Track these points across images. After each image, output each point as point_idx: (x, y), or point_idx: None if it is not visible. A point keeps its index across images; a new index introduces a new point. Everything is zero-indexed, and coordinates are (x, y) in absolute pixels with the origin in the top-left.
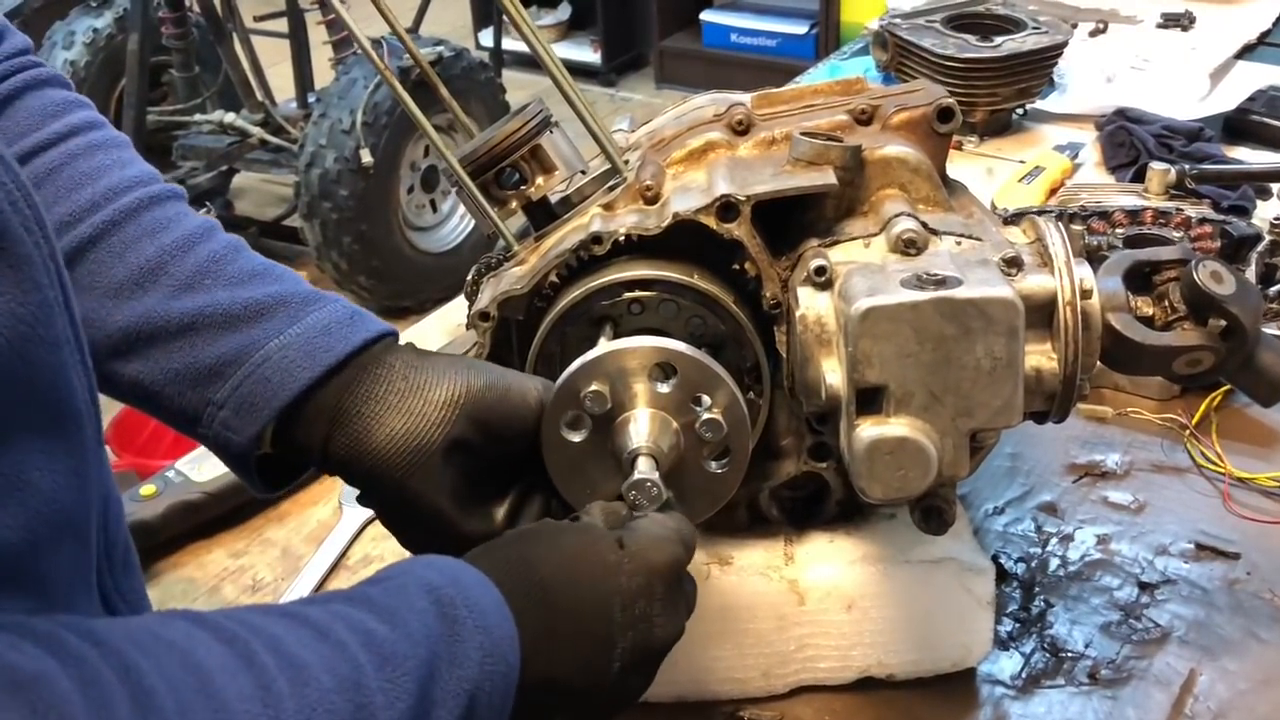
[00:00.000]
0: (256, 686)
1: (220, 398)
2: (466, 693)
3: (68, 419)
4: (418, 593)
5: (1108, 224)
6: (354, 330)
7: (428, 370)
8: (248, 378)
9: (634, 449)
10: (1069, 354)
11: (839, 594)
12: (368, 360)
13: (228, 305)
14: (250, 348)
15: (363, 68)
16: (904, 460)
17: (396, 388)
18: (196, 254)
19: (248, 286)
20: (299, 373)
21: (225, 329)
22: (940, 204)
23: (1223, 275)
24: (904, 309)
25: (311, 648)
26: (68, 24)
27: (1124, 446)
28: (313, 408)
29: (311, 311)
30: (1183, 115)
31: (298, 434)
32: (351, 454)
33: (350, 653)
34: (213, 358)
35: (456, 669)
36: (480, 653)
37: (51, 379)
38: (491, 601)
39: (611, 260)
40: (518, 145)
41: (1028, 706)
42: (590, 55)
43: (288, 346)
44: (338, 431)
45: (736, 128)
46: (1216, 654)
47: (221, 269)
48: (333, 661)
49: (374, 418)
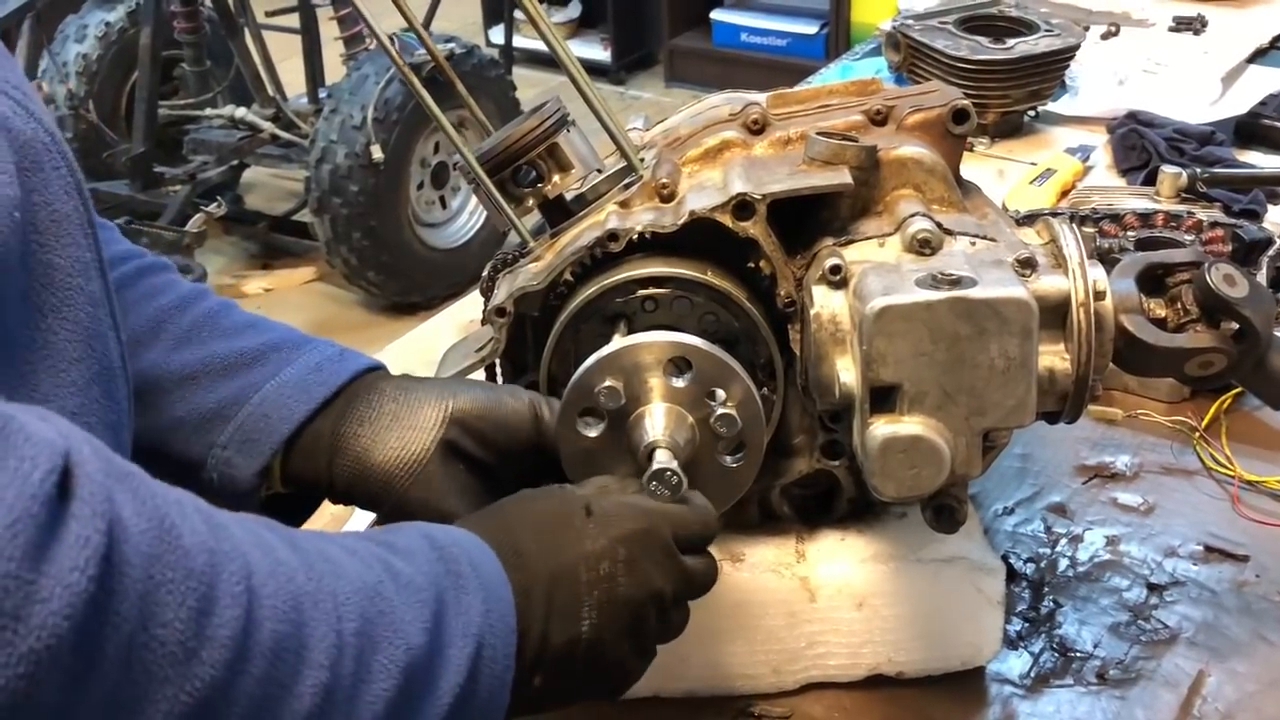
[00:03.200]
0: (302, 562)
1: (223, 439)
2: (474, 637)
3: (112, 374)
4: (424, 545)
5: (1119, 227)
6: (344, 365)
7: (416, 390)
8: (248, 418)
9: (651, 441)
10: (1082, 355)
11: (850, 591)
12: (359, 389)
13: (224, 355)
14: (248, 390)
15: (374, 64)
16: (917, 459)
17: (388, 409)
18: (192, 312)
19: (242, 337)
20: (296, 407)
21: (223, 377)
22: (955, 204)
23: (1235, 278)
24: (919, 308)
25: (343, 556)
26: (80, 18)
27: (1134, 448)
28: (311, 439)
29: (304, 353)
30: (1194, 119)
31: (303, 467)
32: (355, 477)
33: (375, 571)
34: (213, 403)
35: (462, 615)
36: (484, 606)
37: (99, 331)
38: (490, 563)
39: (627, 258)
40: (535, 143)
41: (1036, 706)
42: (600, 53)
43: (284, 385)
44: (339, 458)
45: (752, 127)
46: (1225, 655)
47: (216, 323)
48: (362, 571)
49: (370, 439)
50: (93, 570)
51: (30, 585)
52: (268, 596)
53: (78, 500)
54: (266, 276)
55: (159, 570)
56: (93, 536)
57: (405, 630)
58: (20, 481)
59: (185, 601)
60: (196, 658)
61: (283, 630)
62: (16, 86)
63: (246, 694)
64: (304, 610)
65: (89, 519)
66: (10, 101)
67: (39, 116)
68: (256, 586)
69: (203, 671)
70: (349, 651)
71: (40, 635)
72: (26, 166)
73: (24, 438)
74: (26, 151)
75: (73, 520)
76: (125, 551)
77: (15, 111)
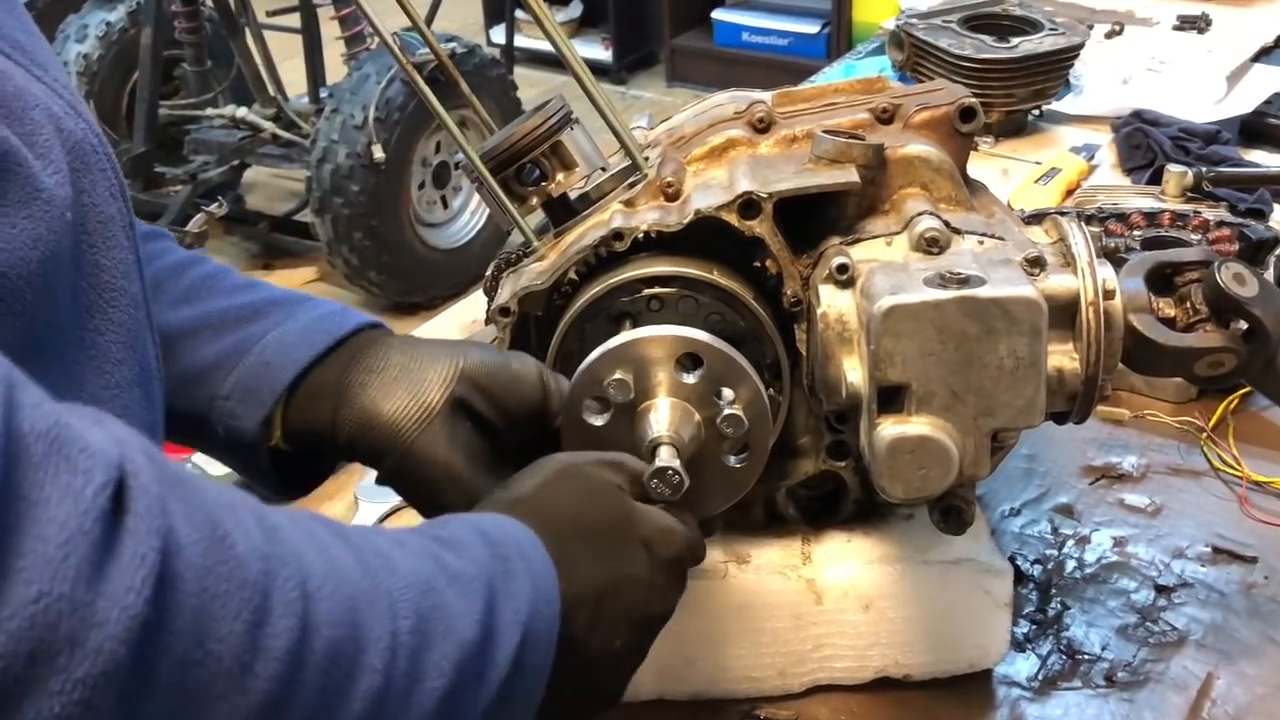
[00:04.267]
0: (356, 559)
1: (225, 390)
2: (522, 624)
3: (150, 376)
4: (470, 533)
5: (1125, 226)
6: (348, 318)
7: (426, 346)
8: (250, 367)
9: (655, 437)
10: (1091, 354)
11: (856, 593)
12: (364, 342)
13: (224, 310)
14: (248, 341)
15: (375, 63)
16: (925, 459)
17: (396, 361)
18: (190, 275)
19: (242, 294)
20: (299, 354)
21: (223, 330)
22: (962, 203)
23: (1245, 277)
24: (927, 308)
25: (394, 550)
26: (81, 17)
27: (1141, 449)
28: (316, 386)
29: (306, 307)
30: (1199, 118)
31: (306, 417)
32: (360, 427)
33: (427, 564)
34: (213, 355)
35: (512, 601)
36: (531, 591)
37: (139, 333)
38: (538, 554)
39: (631, 257)
40: (539, 141)
41: (1044, 708)
42: (601, 53)
43: (286, 334)
44: (344, 407)
45: (757, 125)
46: (1234, 658)
47: (215, 284)
48: (415, 565)
49: (379, 389)
50: (149, 591)
51: (87, 608)
52: (324, 599)
53: (132, 515)
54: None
55: (213, 583)
56: (148, 554)
57: (458, 625)
58: (73, 497)
59: (240, 614)
60: (251, 672)
61: (338, 635)
62: (66, 86)
63: (302, 702)
64: (359, 611)
65: (144, 535)
66: (61, 101)
67: (87, 117)
68: (312, 590)
69: (258, 685)
70: (403, 652)
71: (97, 660)
72: (78, 167)
73: (79, 448)
74: (77, 152)
75: (128, 536)
76: (179, 566)
77: (66, 112)
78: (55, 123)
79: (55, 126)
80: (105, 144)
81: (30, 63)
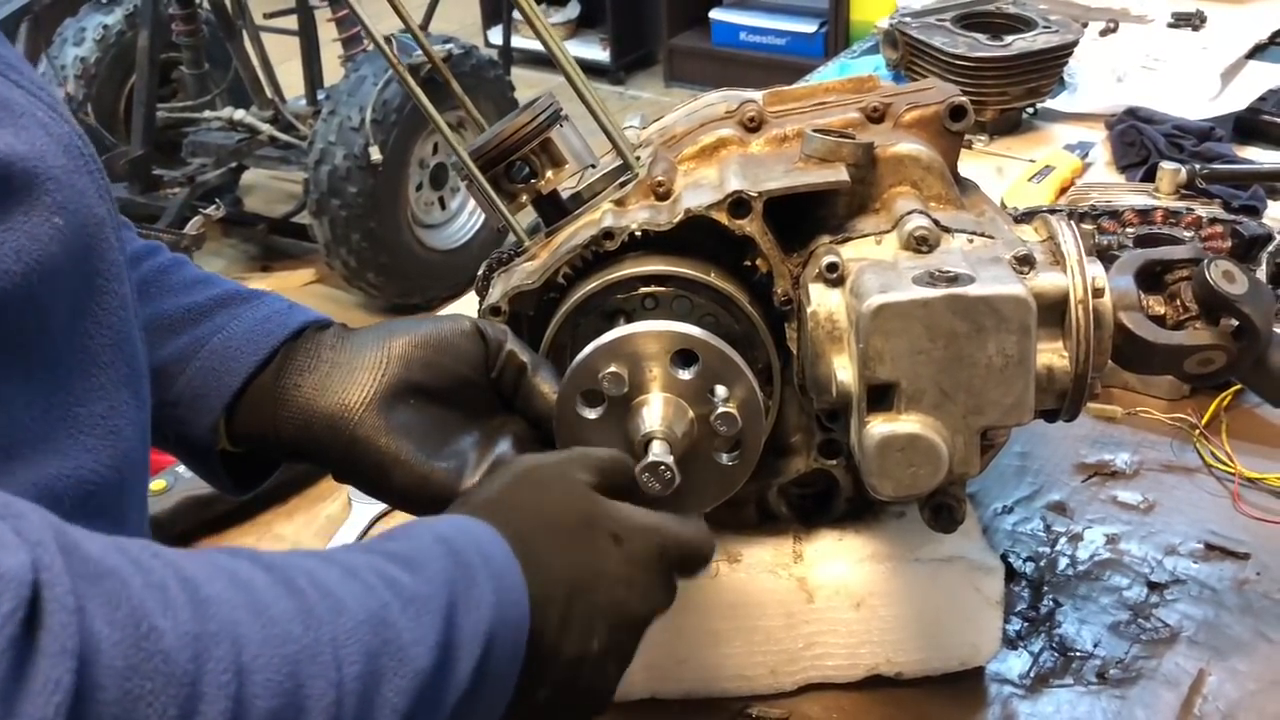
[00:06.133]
0: (299, 609)
1: (172, 397)
2: (484, 634)
3: (139, 376)
4: (431, 542)
5: (1118, 223)
6: (291, 318)
7: (355, 336)
8: (196, 373)
9: (648, 432)
10: (1081, 352)
11: (847, 592)
12: (302, 343)
13: (173, 311)
14: (195, 345)
15: (372, 65)
16: (915, 457)
17: (326, 357)
18: (142, 270)
19: (190, 293)
20: (243, 359)
21: (172, 333)
22: (952, 202)
23: (1235, 275)
24: (916, 306)
25: (343, 584)
26: (78, 21)
27: (1133, 446)
28: (256, 391)
29: (250, 307)
30: (1193, 115)
31: (249, 424)
32: (300, 428)
33: (379, 593)
34: (162, 360)
35: (474, 611)
36: (495, 596)
37: (127, 334)
38: (501, 553)
39: (622, 256)
40: (528, 138)
41: (1036, 706)
42: (599, 53)
43: (230, 339)
44: (282, 411)
45: (748, 124)
46: (1226, 654)
47: (166, 280)
48: (363, 598)
49: (312, 388)
50: (63, 716)
51: None
52: (259, 670)
53: (46, 631)
54: (266, 279)
55: (136, 683)
56: (63, 678)
57: (412, 655)
58: None
59: (167, 711)
60: None
61: (276, 705)
62: (43, 89)
63: None
64: (300, 672)
65: (57, 656)
66: (44, 106)
67: (69, 120)
68: (247, 663)
69: None
70: (350, 700)
71: None
72: (70, 170)
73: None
74: (67, 156)
75: (41, 659)
76: (97, 675)
77: (51, 117)
78: (44, 129)
79: (45, 132)
80: (89, 145)
81: (6, 66)
